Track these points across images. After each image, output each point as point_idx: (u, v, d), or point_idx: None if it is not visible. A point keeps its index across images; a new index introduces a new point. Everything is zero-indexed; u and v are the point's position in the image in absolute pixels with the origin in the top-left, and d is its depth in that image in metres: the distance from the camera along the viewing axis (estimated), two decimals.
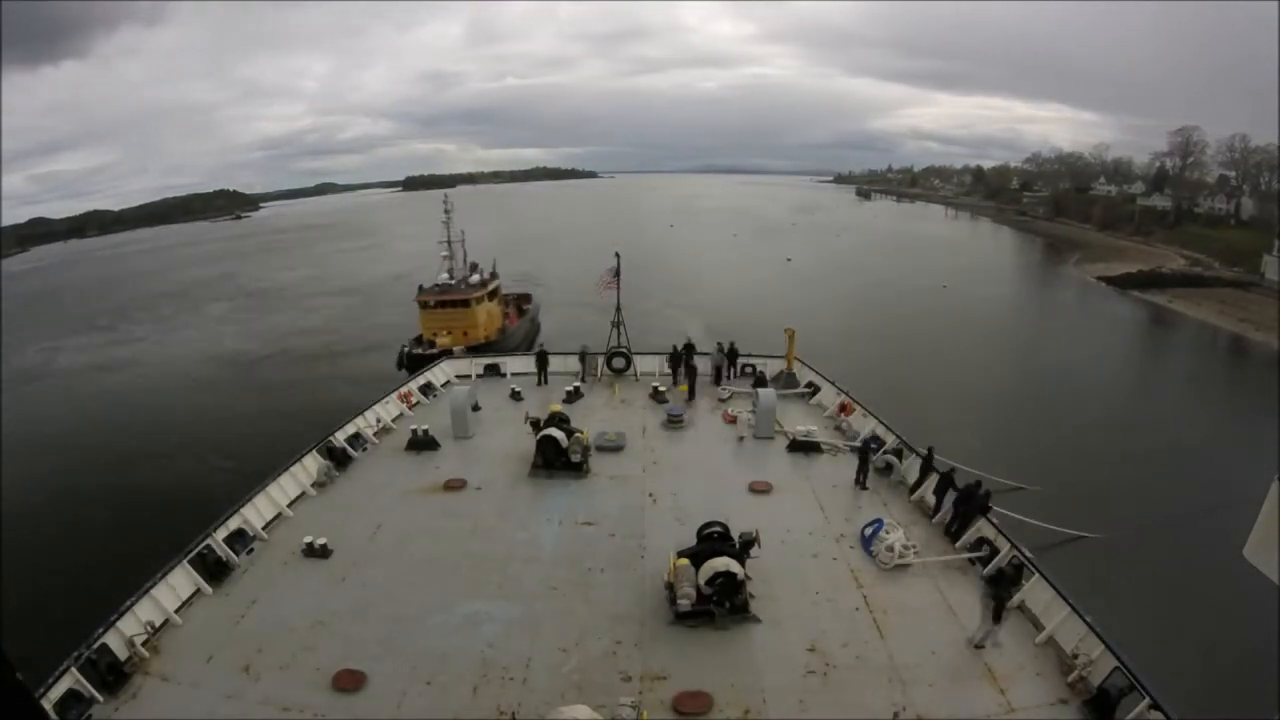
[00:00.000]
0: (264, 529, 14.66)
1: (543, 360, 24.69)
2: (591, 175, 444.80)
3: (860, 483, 16.69)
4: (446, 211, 44.10)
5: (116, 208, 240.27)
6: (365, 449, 18.89)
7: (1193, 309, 65.56)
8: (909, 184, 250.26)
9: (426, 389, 23.20)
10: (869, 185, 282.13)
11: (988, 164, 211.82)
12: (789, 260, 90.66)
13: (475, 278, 44.43)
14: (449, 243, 44.62)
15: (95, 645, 10.45)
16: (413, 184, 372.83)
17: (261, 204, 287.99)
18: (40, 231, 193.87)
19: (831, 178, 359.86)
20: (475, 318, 41.40)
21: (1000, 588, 11.18)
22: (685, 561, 11.90)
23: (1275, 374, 46.49)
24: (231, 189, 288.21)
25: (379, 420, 20.23)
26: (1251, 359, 52.29)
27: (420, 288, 43.14)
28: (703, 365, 23.82)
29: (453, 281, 43.13)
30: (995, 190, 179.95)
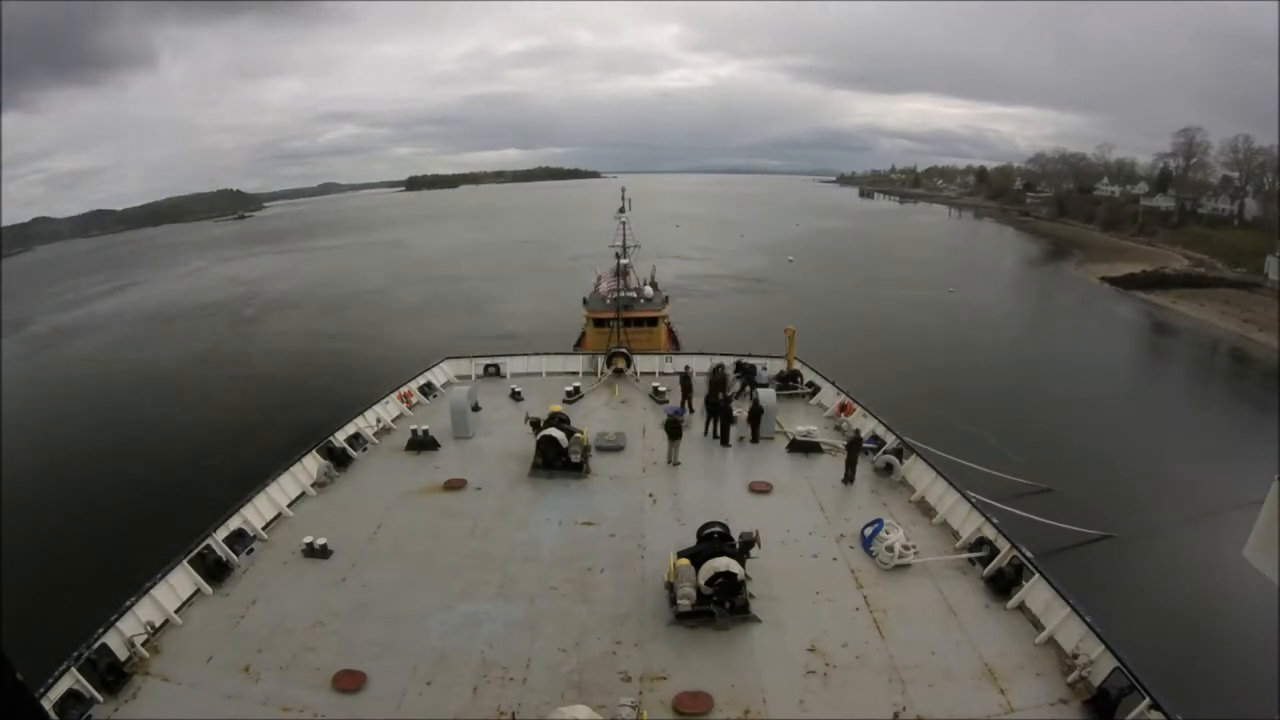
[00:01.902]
0: (264, 529, 14.66)
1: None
2: (594, 175, 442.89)
3: (849, 478, 16.75)
4: (622, 210, 34.30)
5: (120, 207, 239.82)
6: (365, 449, 18.87)
7: (1196, 309, 65.34)
8: (912, 184, 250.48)
9: (426, 389, 23.17)
10: (872, 185, 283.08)
11: (945, 161, 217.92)
12: (790, 260, 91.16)
13: (649, 290, 38.56)
14: (624, 247, 35.42)
15: (95, 645, 10.46)
16: (415, 184, 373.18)
17: (265, 204, 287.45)
18: (43, 231, 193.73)
19: (835, 178, 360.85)
20: (660, 337, 35.20)
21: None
22: (685, 561, 11.88)
23: (1273, 374, 46.49)
24: (235, 189, 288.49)
25: (379, 420, 20.22)
26: (1254, 359, 52.18)
27: (585, 301, 37.83)
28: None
29: (632, 294, 36.80)
30: (999, 191, 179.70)
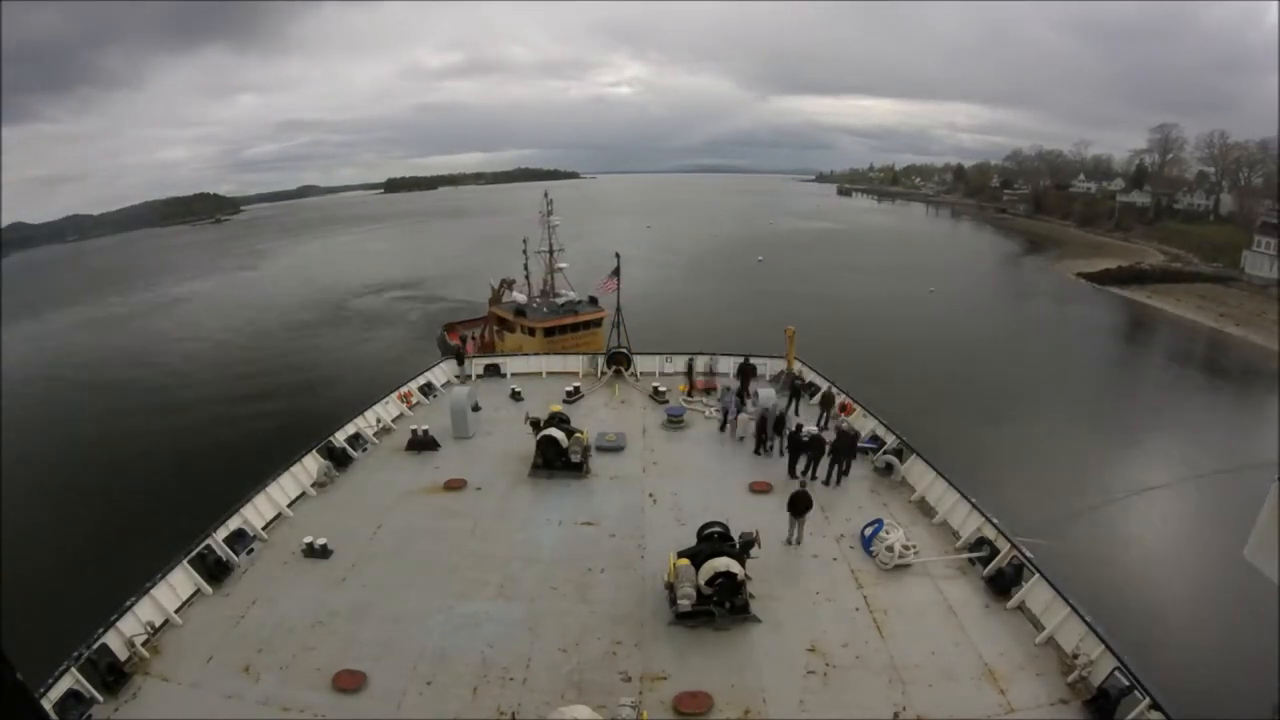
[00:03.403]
0: (264, 529, 14.57)
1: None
2: (574, 175, 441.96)
3: (757, 451, 18.16)
4: (543, 214, 34.63)
5: (96, 211, 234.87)
6: (365, 449, 18.74)
7: (1172, 304, 66.47)
8: (890, 182, 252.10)
9: (427, 389, 23.00)
10: (850, 184, 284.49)
11: (919, 160, 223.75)
12: (760, 260, 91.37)
13: (574, 295, 38.54)
14: (550, 252, 36.01)
15: (95, 645, 10.39)
16: (394, 186, 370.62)
17: (243, 207, 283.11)
18: (19, 236, 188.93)
19: (814, 176, 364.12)
20: (601, 339, 35.25)
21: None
22: (685, 562, 11.88)
23: (1249, 368, 47.27)
24: (211, 192, 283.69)
25: (379, 420, 20.07)
26: (1230, 353, 53.11)
27: (524, 310, 37.15)
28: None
29: (572, 297, 37.43)
30: (976, 188, 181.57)
